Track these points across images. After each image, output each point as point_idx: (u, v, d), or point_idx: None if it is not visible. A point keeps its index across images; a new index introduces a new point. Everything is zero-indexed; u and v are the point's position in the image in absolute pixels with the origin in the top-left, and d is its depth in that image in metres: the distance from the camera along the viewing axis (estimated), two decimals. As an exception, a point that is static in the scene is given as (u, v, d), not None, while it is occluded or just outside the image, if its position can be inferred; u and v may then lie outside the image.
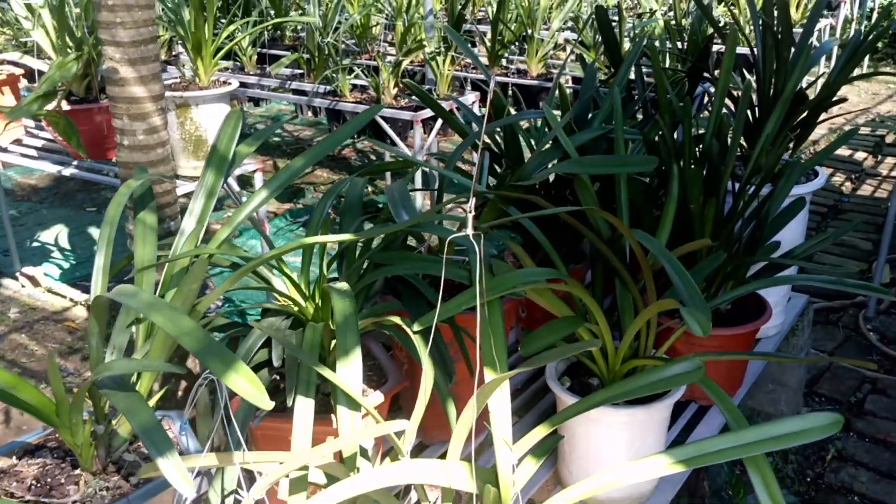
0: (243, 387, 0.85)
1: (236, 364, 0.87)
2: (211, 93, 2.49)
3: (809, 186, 2.13)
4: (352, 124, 1.41)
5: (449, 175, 1.61)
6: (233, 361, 0.87)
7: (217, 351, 0.87)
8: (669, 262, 1.40)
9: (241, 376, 0.86)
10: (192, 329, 0.90)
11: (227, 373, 0.86)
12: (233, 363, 0.87)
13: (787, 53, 1.95)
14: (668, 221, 1.66)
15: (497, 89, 1.86)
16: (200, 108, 2.47)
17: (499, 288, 1.32)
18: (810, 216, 4.21)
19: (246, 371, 0.86)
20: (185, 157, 2.58)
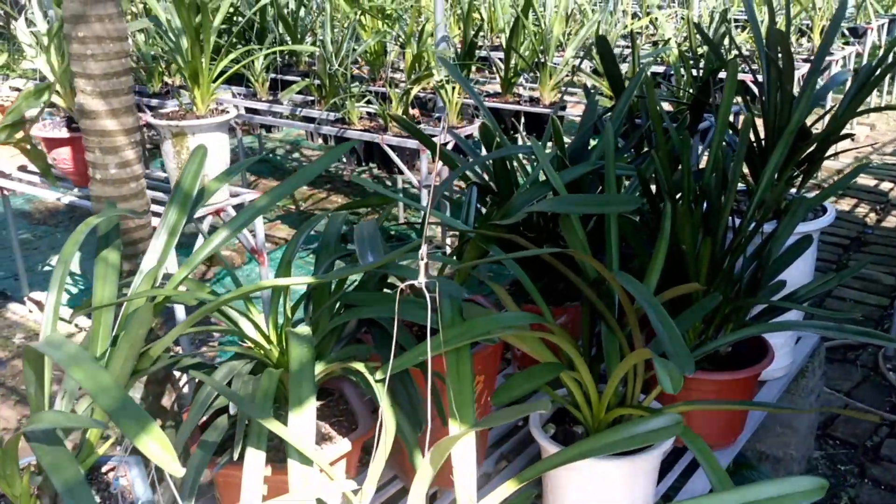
0: (154, 450, 0.80)
1: (150, 427, 0.81)
2: (208, 122, 2.46)
3: (817, 224, 2.04)
4: (323, 160, 1.36)
5: (432, 213, 1.55)
6: (147, 423, 0.82)
7: (132, 412, 0.82)
8: (653, 309, 1.32)
9: (153, 439, 0.81)
10: (109, 387, 0.85)
11: (139, 435, 0.80)
12: (146, 425, 0.81)
13: (790, 86, 1.87)
14: (658, 262, 1.58)
15: (487, 121, 1.80)
16: (197, 136, 2.44)
17: (469, 334, 1.26)
18: (831, 249, 4.11)
19: (158, 434, 0.81)
20: (182, 186, 2.55)
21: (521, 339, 1.44)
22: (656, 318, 1.32)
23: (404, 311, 1.30)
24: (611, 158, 1.68)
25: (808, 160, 2.04)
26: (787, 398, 2.39)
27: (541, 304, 1.51)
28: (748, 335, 1.59)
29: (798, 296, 1.87)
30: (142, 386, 1.66)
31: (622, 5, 5.15)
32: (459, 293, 1.29)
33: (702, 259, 1.67)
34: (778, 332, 1.72)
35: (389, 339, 1.39)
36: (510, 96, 4.00)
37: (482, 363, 1.65)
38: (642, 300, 1.34)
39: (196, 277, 4.04)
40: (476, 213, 1.80)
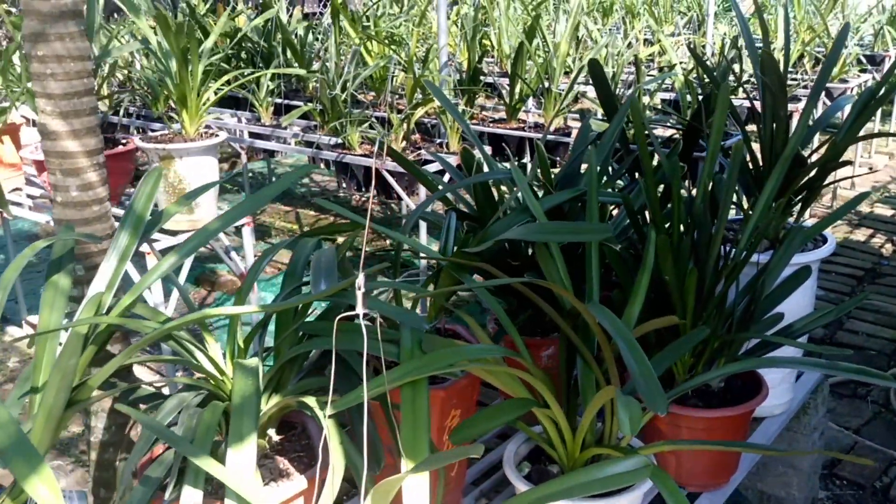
0: (42, 493, 0.74)
1: (41, 468, 0.76)
2: (196, 145, 2.42)
3: (816, 254, 1.96)
4: (277, 185, 1.31)
5: (401, 239, 1.49)
6: (38, 465, 0.76)
7: (24, 451, 0.76)
8: (625, 344, 1.25)
9: (42, 482, 0.75)
10: (5, 423, 0.79)
11: (28, 476, 0.74)
12: (37, 466, 0.75)
13: (783, 111, 1.80)
14: (639, 294, 1.51)
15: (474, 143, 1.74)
16: (184, 160, 2.40)
17: (428, 367, 1.19)
18: (844, 280, 4.01)
19: (48, 477, 0.75)
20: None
21: (491, 374, 1.37)
22: (629, 353, 1.24)
23: (361, 343, 1.24)
24: (593, 185, 1.62)
25: (807, 187, 1.96)
26: (788, 437, 2.30)
27: (514, 336, 1.44)
28: (734, 371, 1.51)
29: (793, 329, 1.79)
30: (104, 415, 1.61)
31: (634, 31, 5.10)
32: (420, 324, 1.23)
33: (688, 290, 1.60)
34: (767, 367, 1.63)
35: (350, 371, 1.33)
36: (514, 122, 3.95)
37: (458, 396, 1.58)
38: (615, 334, 1.26)
39: (197, 301, 4.00)
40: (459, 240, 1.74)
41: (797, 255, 1.92)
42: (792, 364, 1.48)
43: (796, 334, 1.78)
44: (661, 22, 5.07)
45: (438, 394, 1.52)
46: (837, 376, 3.02)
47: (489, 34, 5.03)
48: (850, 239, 4.53)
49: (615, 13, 5.65)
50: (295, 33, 4.67)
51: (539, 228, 1.34)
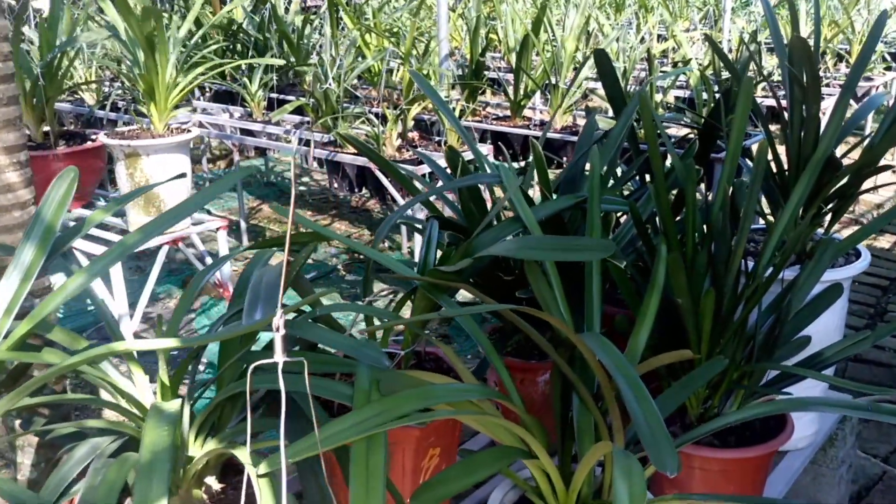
0: None
1: None
2: (164, 142, 2.22)
3: (848, 270, 1.73)
4: (215, 187, 1.11)
5: (368, 253, 1.28)
6: None
7: None
8: (626, 382, 1.04)
9: None
10: None
11: None
12: None
13: (816, 108, 1.58)
14: (646, 320, 1.29)
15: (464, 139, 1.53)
16: (151, 157, 2.20)
17: (387, 415, 0.98)
18: (868, 291, 3.76)
19: None
20: (136, 211, 2.30)
21: (472, 419, 1.16)
22: (632, 396, 1.03)
23: (316, 386, 1.03)
24: (595, 190, 1.40)
25: (839, 195, 1.74)
26: (813, 470, 2.08)
27: (501, 372, 1.23)
28: (756, 415, 1.29)
29: (823, 358, 1.56)
30: (32, 450, 1.41)
31: (647, 26, 4.87)
32: (379, 360, 1.01)
33: (704, 314, 1.38)
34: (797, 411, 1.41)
35: (300, 414, 1.12)
36: (519, 119, 3.73)
37: (437, 433, 1.37)
38: (615, 372, 1.05)
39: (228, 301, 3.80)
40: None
41: (828, 272, 1.70)
42: (823, 406, 1.26)
43: (826, 363, 1.56)
44: (675, 17, 4.84)
45: (412, 432, 1.31)
46: (878, 397, 2.79)
47: (497, 28, 4.81)
48: (874, 246, 4.29)
49: (627, 8, 5.42)
50: (293, 25, 4.47)
51: (528, 243, 1.13)
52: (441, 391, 1.06)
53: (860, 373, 2.98)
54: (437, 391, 1.05)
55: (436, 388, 1.06)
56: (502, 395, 1.14)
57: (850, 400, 1.25)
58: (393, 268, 1.26)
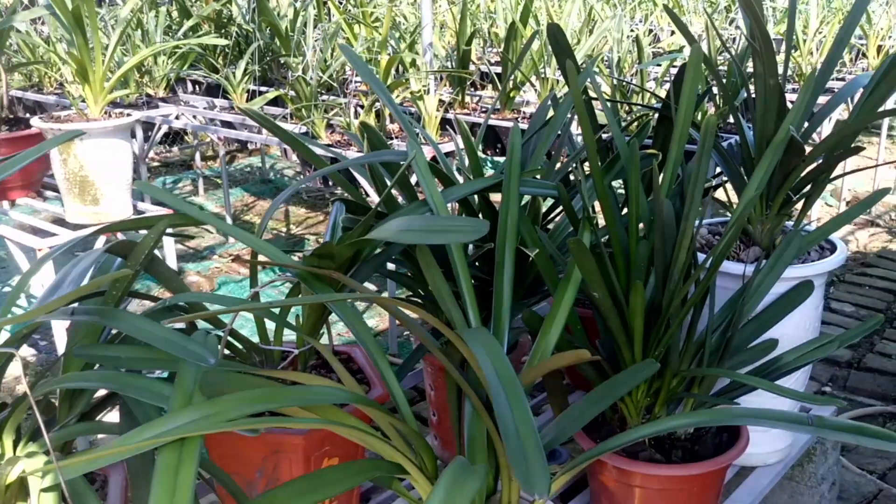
0: None
1: None
2: (98, 126, 2.09)
3: (819, 266, 1.55)
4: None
5: (242, 239, 1.13)
6: None
7: None
8: (502, 384, 0.87)
9: None
10: None
11: None
12: None
13: (774, 81, 1.40)
14: (558, 316, 1.13)
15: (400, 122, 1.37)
16: (85, 143, 2.07)
17: (210, 419, 0.83)
18: (879, 294, 3.53)
19: None
20: (72, 200, 2.17)
21: (337, 429, 1.00)
22: (503, 398, 0.86)
23: (128, 385, 0.88)
24: (513, 171, 1.24)
25: (810, 182, 1.55)
26: (790, 487, 1.89)
27: (384, 371, 1.07)
28: (665, 430, 1.11)
29: (782, 364, 1.39)
30: None
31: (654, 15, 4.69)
32: (204, 356, 0.86)
33: (634, 310, 1.21)
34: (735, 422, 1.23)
35: (139, 408, 0.97)
36: (509, 112, 3.57)
37: (331, 442, 1.21)
38: (490, 371, 0.89)
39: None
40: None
41: (795, 268, 1.52)
42: (761, 420, 1.08)
43: (786, 369, 1.38)
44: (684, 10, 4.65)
45: (295, 440, 1.16)
46: (874, 406, 2.58)
47: (495, 20, 4.65)
48: (889, 249, 4.06)
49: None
50: (285, 17, 4.34)
51: (403, 226, 0.97)
52: (284, 395, 0.90)
53: (862, 381, 2.78)
54: (280, 395, 0.89)
55: (280, 392, 0.90)
56: (373, 402, 0.98)
57: (791, 413, 1.07)
58: (267, 254, 1.10)
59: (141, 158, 3.79)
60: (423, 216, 0.96)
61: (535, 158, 1.60)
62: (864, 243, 4.15)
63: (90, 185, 2.11)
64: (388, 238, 0.94)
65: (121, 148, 2.15)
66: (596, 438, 1.38)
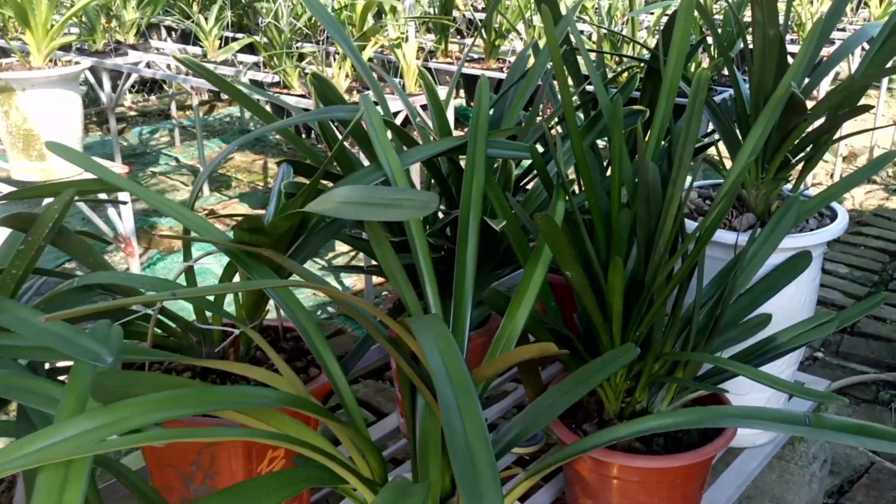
0: None
1: None
2: (42, 74, 1.93)
3: (817, 235, 1.42)
4: None
5: (175, 213, 0.99)
6: None
7: None
8: (451, 384, 0.74)
9: None
10: None
11: None
12: None
13: (775, 31, 1.26)
14: (526, 298, 1.00)
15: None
16: (28, 93, 1.92)
17: (105, 429, 0.70)
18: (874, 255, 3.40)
19: None
20: (16, 155, 2.02)
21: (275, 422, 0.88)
22: (452, 399, 0.74)
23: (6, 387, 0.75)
24: (479, 129, 1.10)
25: (811, 143, 1.42)
26: (780, 467, 1.79)
27: (330, 368, 0.94)
28: (645, 431, 0.99)
29: (776, 344, 1.26)
30: None
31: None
32: (99, 354, 0.73)
33: (613, 288, 1.08)
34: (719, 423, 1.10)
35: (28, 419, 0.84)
36: (494, 62, 3.40)
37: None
38: (438, 366, 0.76)
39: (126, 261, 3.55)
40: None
41: (793, 237, 1.39)
42: (752, 421, 0.95)
43: (780, 351, 1.26)
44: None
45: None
46: (868, 374, 2.46)
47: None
48: (886, 207, 3.94)
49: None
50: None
51: (348, 197, 0.83)
52: (198, 398, 0.77)
53: (855, 347, 2.67)
54: (193, 398, 0.76)
55: (192, 394, 0.77)
56: (309, 402, 0.85)
57: (785, 413, 0.95)
58: (192, 227, 0.97)
59: (109, 108, 3.62)
60: (365, 187, 0.82)
61: (510, 114, 1.45)
62: (860, 201, 4.02)
63: (35, 139, 1.96)
64: (323, 211, 0.81)
65: (68, 99, 1.99)
66: (571, 424, 1.27)
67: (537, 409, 1.00)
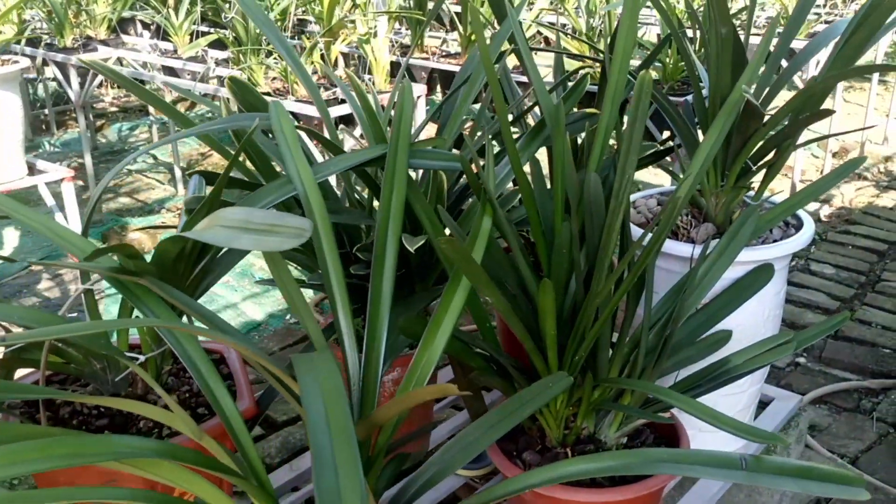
0: None
1: None
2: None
3: (780, 247, 1.33)
4: None
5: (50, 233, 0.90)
6: None
7: None
8: (332, 439, 0.66)
9: None
10: None
11: None
12: None
13: (728, 30, 1.17)
14: (443, 325, 0.91)
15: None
16: (-37, 94, 1.83)
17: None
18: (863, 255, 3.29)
19: None
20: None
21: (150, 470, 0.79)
22: (330, 463, 0.65)
23: None
24: (402, 142, 1.01)
25: (773, 148, 1.33)
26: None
27: (225, 411, 0.86)
28: (557, 478, 0.90)
29: (729, 367, 1.18)
30: None
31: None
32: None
33: (544, 312, 0.99)
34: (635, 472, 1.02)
35: None
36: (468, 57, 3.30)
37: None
38: (315, 418, 0.67)
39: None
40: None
41: (752, 249, 1.30)
42: (685, 467, 0.87)
43: (734, 374, 1.17)
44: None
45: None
46: (851, 382, 2.34)
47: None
48: (875, 205, 3.85)
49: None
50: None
51: (223, 220, 0.75)
52: (57, 451, 0.68)
53: (839, 352, 2.58)
54: (50, 451, 0.68)
55: (50, 447, 0.69)
56: (195, 453, 0.77)
57: (721, 455, 0.86)
58: (71, 250, 0.88)
59: (77, 105, 3.53)
60: (246, 210, 0.74)
61: (453, 121, 1.37)
62: (849, 198, 3.93)
63: (-26, 142, 1.88)
64: (194, 237, 0.72)
65: (5, 99, 1.90)
66: (512, 451, 1.19)
67: (458, 447, 0.91)
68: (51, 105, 4.89)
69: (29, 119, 4.64)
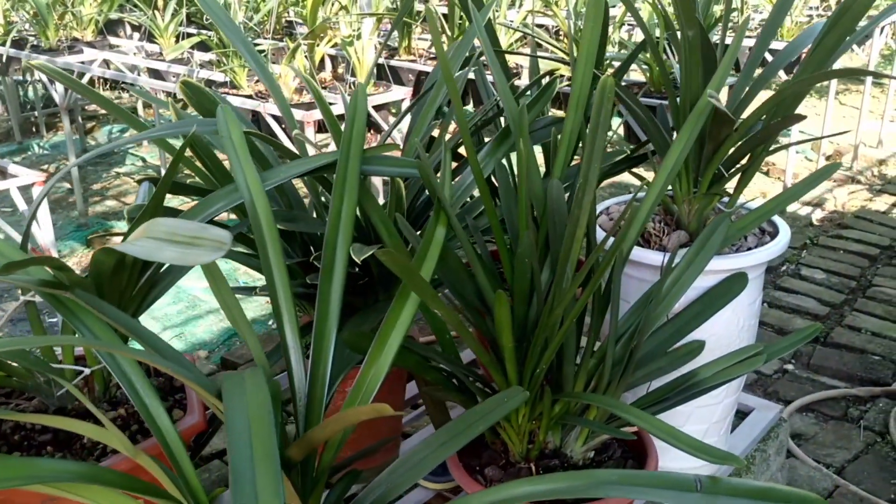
0: None
1: None
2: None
3: (754, 255, 1.29)
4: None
5: None
6: None
7: None
8: (255, 463, 0.63)
9: None
10: None
11: None
12: None
13: (695, 33, 1.13)
14: (387, 345, 0.87)
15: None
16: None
17: None
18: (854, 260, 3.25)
19: None
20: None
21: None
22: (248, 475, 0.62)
23: None
24: (354, 149, 0.98)
25: (746, 154, 1.30)
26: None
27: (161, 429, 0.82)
28: (521, 496, 0.86)
29: (697, 381, 1.14)
30: None
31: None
32: None
33: (501, 325, 0.96)
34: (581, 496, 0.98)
35: None
36: (457, 60, 3.27)
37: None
38: (237, 438, 0.64)
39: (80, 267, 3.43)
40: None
41: (724, 258, 1.27)
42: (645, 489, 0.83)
43: (701, 388, 1.14)
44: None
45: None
46: (838, 389, 2.29)
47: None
48: (868, 208, 3.81)
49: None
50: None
51: (153, 230, 0.72)
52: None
53: (827, 359, 2.55)
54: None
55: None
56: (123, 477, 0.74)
57: (673, 477, 0.82)
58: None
59: (62, 108, 3.50)
60: (175, 221, 0.70)
61: (419, 125, 1.33)
62: (842, 202, 3.89)
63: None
64: (120, 248, 0.69)
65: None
66: (476, 466, 1.15)
67: (406, 466, 0.88)
68: (40, 107, 4.86)
69: (18, 121, 4.61)
